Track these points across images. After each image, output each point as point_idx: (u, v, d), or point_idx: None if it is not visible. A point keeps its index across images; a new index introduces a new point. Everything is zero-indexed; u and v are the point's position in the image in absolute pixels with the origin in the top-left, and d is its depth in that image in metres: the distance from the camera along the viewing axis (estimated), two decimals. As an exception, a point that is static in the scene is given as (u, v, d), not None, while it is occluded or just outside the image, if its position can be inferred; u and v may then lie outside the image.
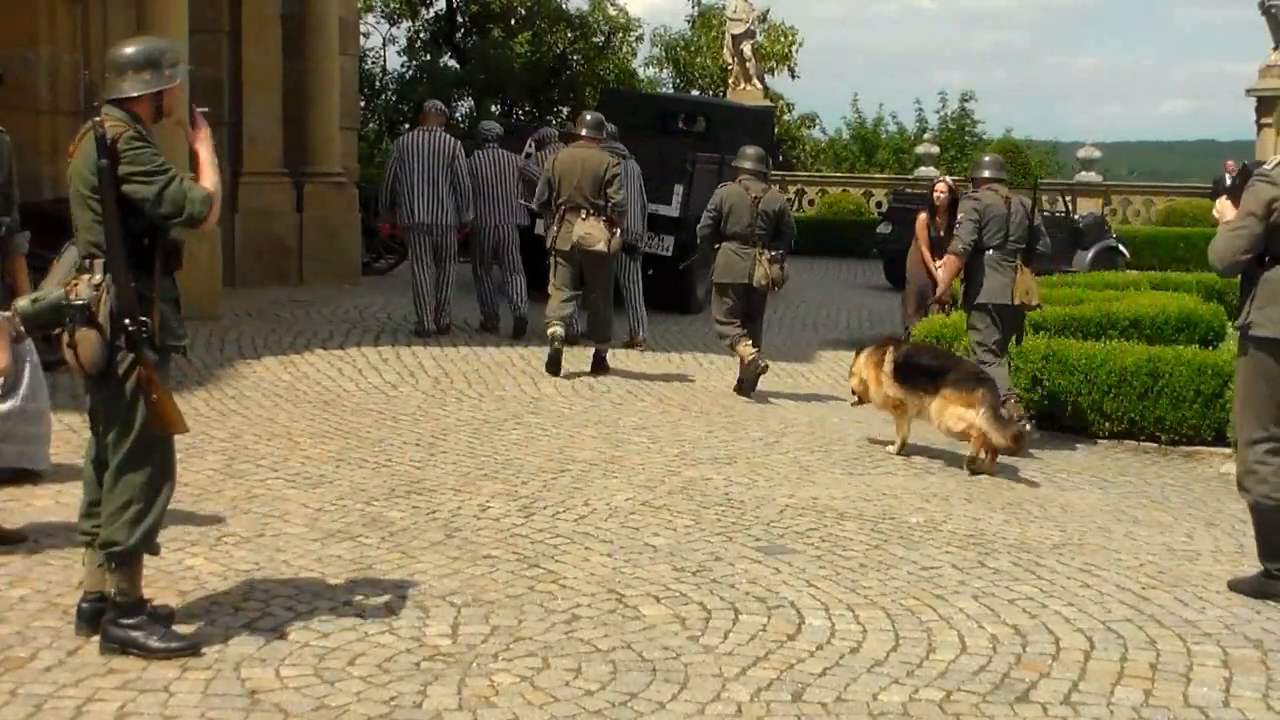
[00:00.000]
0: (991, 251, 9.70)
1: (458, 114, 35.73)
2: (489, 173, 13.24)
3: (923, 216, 13.28)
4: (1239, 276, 6.16)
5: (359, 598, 5.55)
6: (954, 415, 8.68)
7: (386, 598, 5.55)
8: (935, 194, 13.22)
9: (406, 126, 13.91)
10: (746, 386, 11.06)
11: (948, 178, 14.71)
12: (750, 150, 11.41)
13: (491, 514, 6.97)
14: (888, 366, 9.08)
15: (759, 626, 5.41)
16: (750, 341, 10.95)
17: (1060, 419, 10.09)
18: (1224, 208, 6.26)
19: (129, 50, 4.97)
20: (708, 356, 12.61)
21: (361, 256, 16.53)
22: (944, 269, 10.32)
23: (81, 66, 12.12)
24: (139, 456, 4.87)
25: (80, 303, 4.75)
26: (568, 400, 10.50)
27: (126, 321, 4.74)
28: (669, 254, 15.29)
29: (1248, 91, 30.96)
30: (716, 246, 11.04)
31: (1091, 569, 6.42)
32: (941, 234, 12.51)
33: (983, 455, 8.64)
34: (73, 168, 4.87)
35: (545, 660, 4.96)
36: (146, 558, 5.03)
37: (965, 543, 6.80)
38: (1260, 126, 30.67)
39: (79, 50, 12.18)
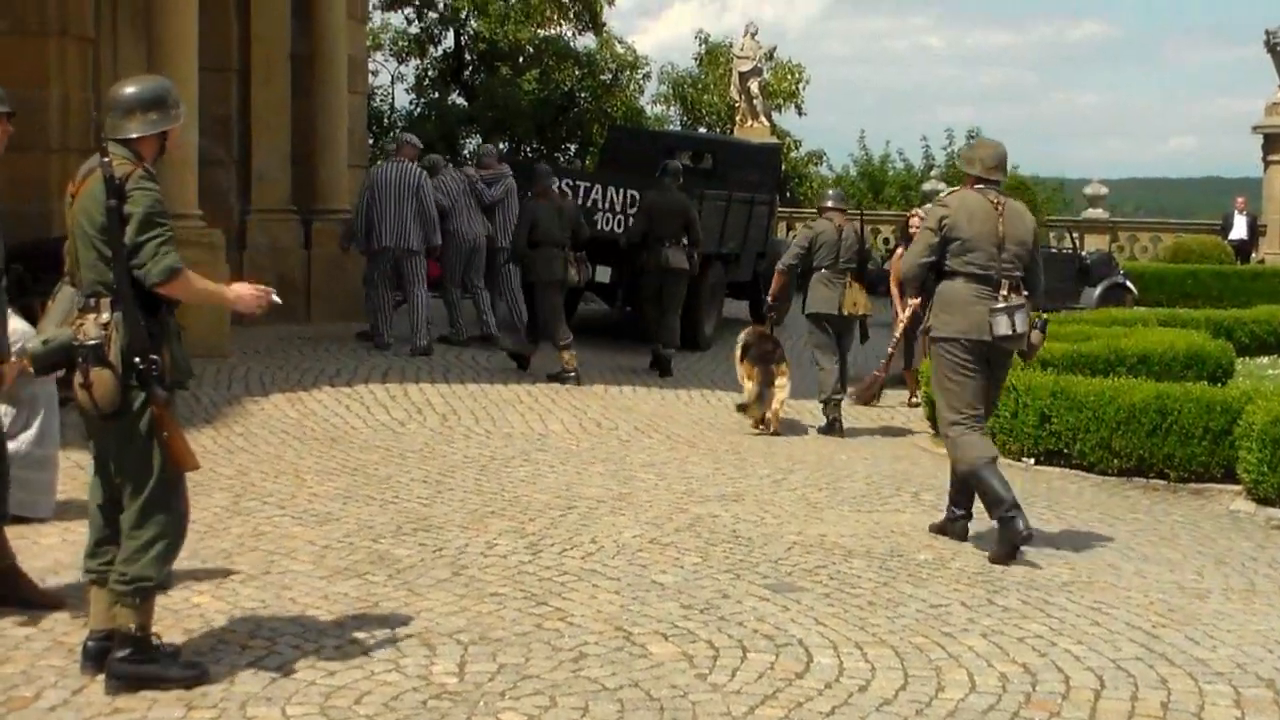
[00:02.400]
0: (823, 270, 11.53)
1: (465, 151, 35.85)
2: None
3: (899, 250, 13.38)
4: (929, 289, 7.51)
5: (365, 635, 5.53)
6: (744, 384, 11.30)
7: (393, 635, 5.54)
8: (910, 225, 13.34)
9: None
10: (567, 379, 12.71)
11: (920, 210, 14.82)
12: (542, 168, 14.08)
13: (499, 551, 6.96)
14: (739, 351, 11.53)
15: (767, 665, 5.38)
16: (570, 350, 12.87)
17: (1068, 456, 10.07)
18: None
19: (133, 90, 4.98)
20: (715, 393, 12.62)
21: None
22: (773, 282, 12.03)
23: (92, 105, 12.18)
24: (164, 493, 4.89)
25: (92, 343, 4.75)
26: (575, 437, 10.50)
27: (136, 360, 4.75)
28: None
29: (1254, 128, 30.97)
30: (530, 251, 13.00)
31: (1101, 607, 6.38)
32: None
33: (763, 415, 11.21)
34: (78, 206, 4.87)
35: (553, 699, 4.94)
36: (153, 594, 5.03)
37: (974, 580, 6.78)
38: (1267, 163, 30.67)
39: (89, 89, 12.24)
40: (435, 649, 5.41)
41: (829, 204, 11.99)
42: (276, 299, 5.07)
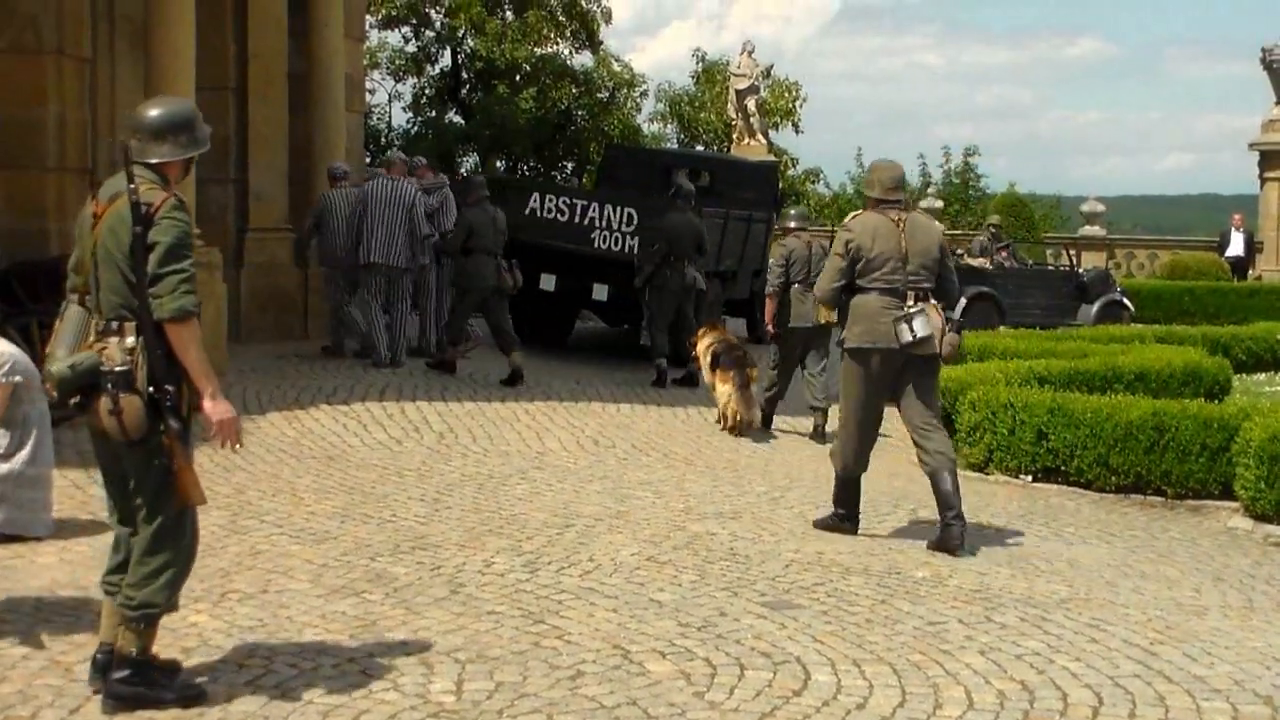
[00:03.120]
0: (796, 286, 12.06)
1: (462, 169, 35.92)
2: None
3: None
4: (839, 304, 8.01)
5: (363, 654, 5.52)
6: (718, 389, 12.06)
7: (391, 654, 5.53)
8: None
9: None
10: (516, 377, 13.23)
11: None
12: (477, 178, 15.26)
13: (496, 569, 6.95)
14: (706, 358, 12.33)
15: (764, 682, 5.38)
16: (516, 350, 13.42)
17: (1066, 473, 10.07)
18: None
19: (163, 113, 4.91)
20: (712, 411, 12.61)
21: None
22: (768, 307, 12.49)
23: (89, 125, 12.18)
24: (178, 521, 4.87)
25: (120, 369, 4.70)
26: (572, 455, 10.50)
27: (151, 389, 4.72)
28: None
29: (1250, 145, 31.07)
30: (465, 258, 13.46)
31: (1099, 624, 6.38)
32: None
33: (730, 420, 11.92)
34: (104, 228, 4.77)
35: (550, 717, 4.93)
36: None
37: (971, 597, 6.77)
38: (1264, 180, 30.74)
39: (86, 108, 12.25)
40: (433, 667, 5.40)
41: (792, 224, 12.90)
42: (239, 445, 5.07)
